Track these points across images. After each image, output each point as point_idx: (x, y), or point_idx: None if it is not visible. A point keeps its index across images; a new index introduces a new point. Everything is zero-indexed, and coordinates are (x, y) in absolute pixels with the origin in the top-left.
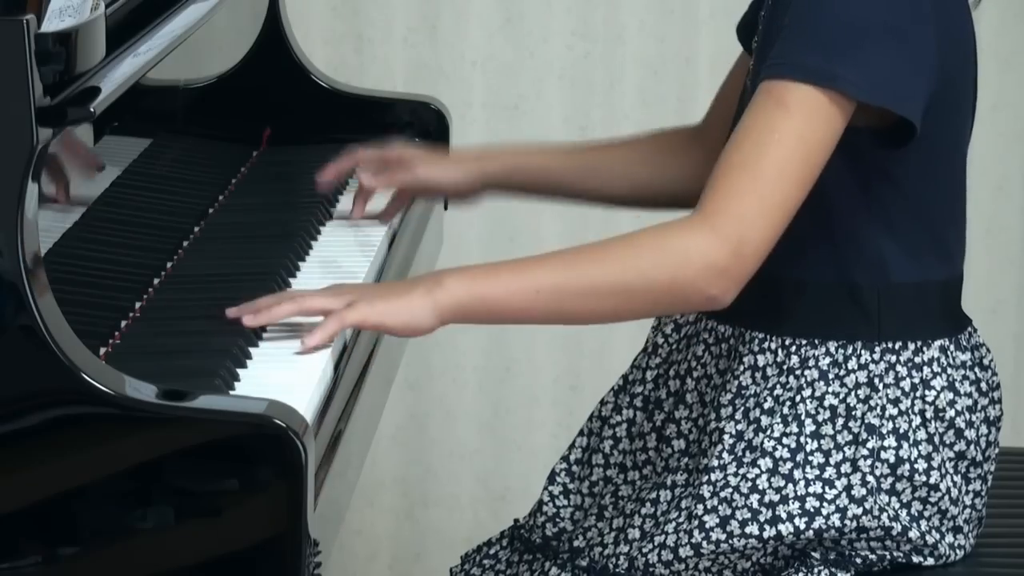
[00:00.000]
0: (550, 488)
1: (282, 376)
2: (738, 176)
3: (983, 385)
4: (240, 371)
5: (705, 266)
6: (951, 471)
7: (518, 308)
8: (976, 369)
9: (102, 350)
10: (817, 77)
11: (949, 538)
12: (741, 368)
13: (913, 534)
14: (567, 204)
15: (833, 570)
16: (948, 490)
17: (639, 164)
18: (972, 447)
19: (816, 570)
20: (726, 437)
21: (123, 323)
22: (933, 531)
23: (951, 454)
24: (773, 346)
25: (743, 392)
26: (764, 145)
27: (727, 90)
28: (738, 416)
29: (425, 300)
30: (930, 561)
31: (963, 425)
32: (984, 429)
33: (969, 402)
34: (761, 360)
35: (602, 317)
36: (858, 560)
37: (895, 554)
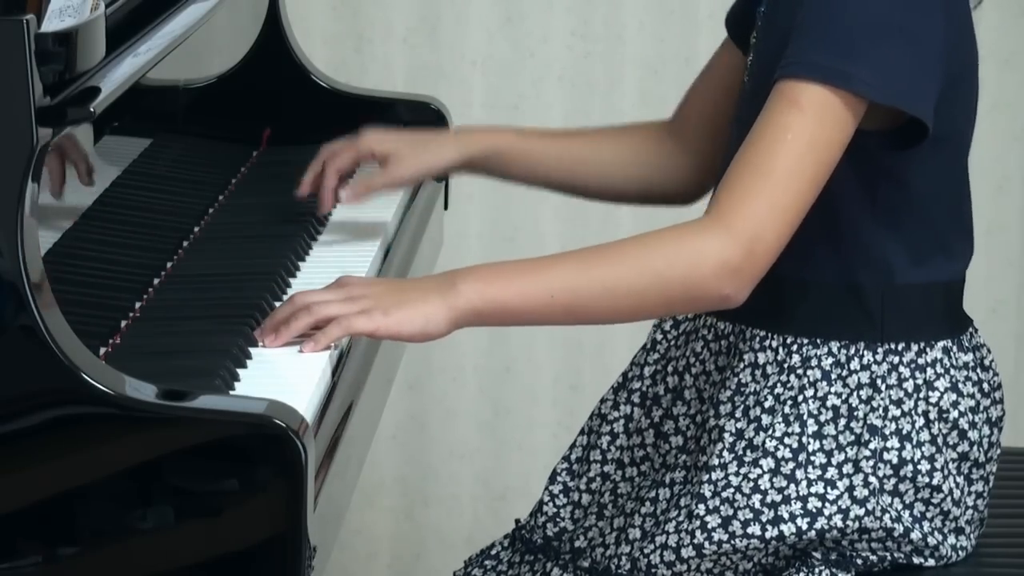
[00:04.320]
0: (551, 488)
1: (282, 376)
2: (751, 176)
3: (985, 386)
4: (240, 371)
5: (719, 265)
6: (954, 472)
7: (533, 311)
8: (978, 370)
9: (102, 350)
10: (831, 77)
11: (951, 539)
12: (741, 365)
13: (915, 535)
14: (539, 189)
15: (834, 570)
16: (951, 491)
17: (613, 152)
18: (975, 448)
19: (817, 570)
20: (726, 435)
21: (123, 323)
22: (936, 532)
23: (954, 455)
24: (774, 344)
25: (742, 389)
26: (777, 145)
27: (703, 83)
28: (738, 414)
29: (440, 306)
30: (931, 562)
31: (966, 426)
32: (986, 430)
33: (972, 403)
34: (761, 358)
35: (616, 318)
36: (859, 561)
37: (896, 555)
